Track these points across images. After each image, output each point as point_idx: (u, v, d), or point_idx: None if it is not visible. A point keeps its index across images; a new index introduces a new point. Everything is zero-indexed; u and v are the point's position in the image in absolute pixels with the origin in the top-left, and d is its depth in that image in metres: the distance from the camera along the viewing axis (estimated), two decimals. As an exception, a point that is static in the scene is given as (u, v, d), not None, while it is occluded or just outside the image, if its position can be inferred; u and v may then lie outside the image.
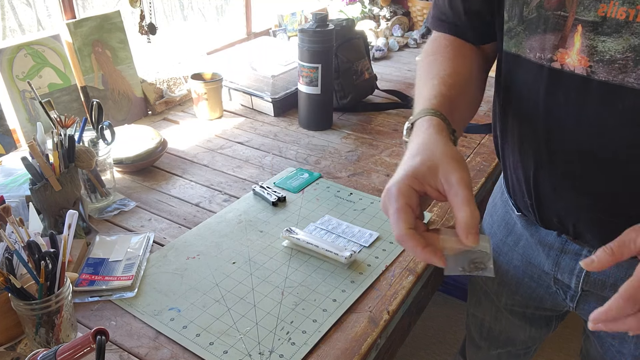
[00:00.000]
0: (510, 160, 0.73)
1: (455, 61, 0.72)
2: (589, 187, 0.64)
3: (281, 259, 0.85)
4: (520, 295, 0.89)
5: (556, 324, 0.97)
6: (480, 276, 0.93)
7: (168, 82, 1.42)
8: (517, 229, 0.84)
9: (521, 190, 0.73)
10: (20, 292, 0.63)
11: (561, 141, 0.63)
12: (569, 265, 0.76)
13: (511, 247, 0.86)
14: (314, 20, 1.20)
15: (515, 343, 1.01)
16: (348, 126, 1.34)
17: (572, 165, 0.64)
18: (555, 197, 0.69)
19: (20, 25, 1.39)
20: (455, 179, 0.54)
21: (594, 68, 0.57)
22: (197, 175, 1.11)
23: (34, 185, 0.81)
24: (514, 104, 0.69)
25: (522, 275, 0.86)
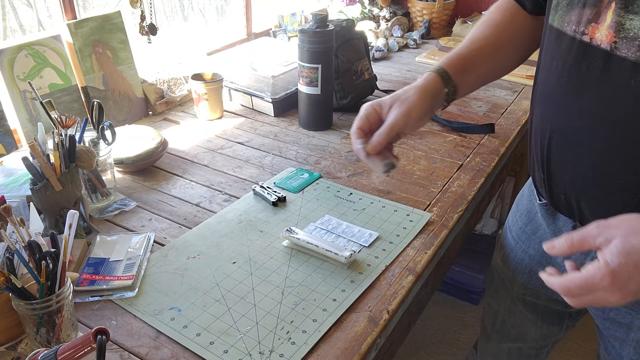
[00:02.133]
0: (533, 130, 0.76)
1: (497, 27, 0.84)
2: (591, 159, 0.66)
3: (281, 259, 0.85)
4: (532, 284, 0.91)
5: (567, 324, 0.98)
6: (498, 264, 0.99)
7: (168, 82, 1.43)
8: (537, 218, 0.86)
9: (538, 162, 0.76)
10: (21, 291, 0.63)
11: (575, 111, 0.66)
12: (580, 258, 0.77)
13: (529, 236, 0.89)
14: (314, 21, 1.21)
15: (526, 339, 1.02)
16: (348, 126, 1.34)
17: (580, 135, 0.66)
18: (562, 170, 0.71)
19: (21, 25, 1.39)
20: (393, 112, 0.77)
21: (618, 44, 0.59)
22: (197, 176, 1.11)
23: (34, 185, 0.81)
24: (544, 74, 0.72)
25: (537, 264, 0.88)
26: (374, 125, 0.78)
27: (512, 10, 0.85)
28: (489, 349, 1.11)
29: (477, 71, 0.84)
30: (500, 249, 0.99)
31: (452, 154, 1.21)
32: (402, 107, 0.76)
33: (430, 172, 1.13)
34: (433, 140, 1.27)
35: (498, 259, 1.00)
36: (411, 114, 0.76)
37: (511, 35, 0.84)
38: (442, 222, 0.96)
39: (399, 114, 0.75)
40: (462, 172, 1.13)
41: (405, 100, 0.76)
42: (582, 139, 0.66)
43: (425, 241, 0.91)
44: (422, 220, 0.96)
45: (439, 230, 0.94)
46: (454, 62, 0.82)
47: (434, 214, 0.98)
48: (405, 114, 0.75)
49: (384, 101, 0.78)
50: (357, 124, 0.79)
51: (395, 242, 0.90)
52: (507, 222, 0.97)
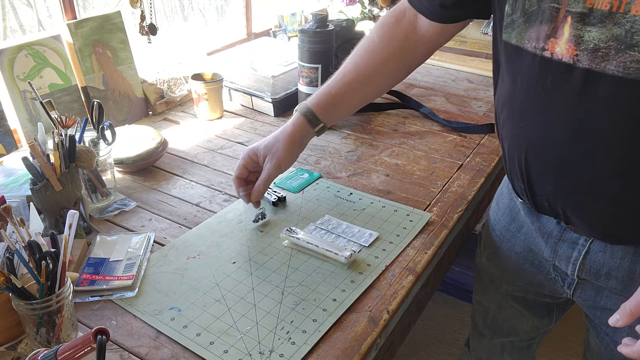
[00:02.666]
0: (507, 145, 0.78)
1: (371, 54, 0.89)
2: (570, 170, 0.67)
3: (281, 259, 0.85)
4: (520, 280, 0.92)
5: (557, 315, 1.00)
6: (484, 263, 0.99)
7: (168, 82, 1.43)
8: (520, 216, 0.87)
9: (516, 175, 0.77)
10: (21, 291, 0.63)
11: (547, 125, 0.67)
12: (566, 252, 0.79)
13: (514, 234, 0.89)
14: (314, 21, 1.21)
15: (518, 333, 1.03)
16: (348, 126, 1.34)
17: (555, 149, 0.68)
18: (542, 181, 0.72)
19: (21, 25, 1.39)
20: (267, 166, 0.88)
21: (579, 57, 0.61)
22: (197, 175, 1.11)
23: (34, 185, 0.81)
24: (510, 90, 0.73)
25: (523, 261, 0.89)
26: (251, 172, 0.92)
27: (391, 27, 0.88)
28: (482, 346, 1.12)
29: (347, 103, 0.93)
30: (485, 248, 1.00)
31: (452, 154, 1.21)
32: (273, 161, 0.88)
33: (430, 172, 1.13)
34: (433, 140, 1.27)
35: (483, 257, 1.01)
36: (281, 166, 0.89)
37: (387, 57, 0.89)
38: (442, 222, 0.96)
39: (271, 168, 0.88)
40: (462, 172, 1.13)
41: (275, 154, 0.88)
42: (558, 152, 0.67)
43: (425, 241, 0.91)
44: (422, 220, 0.96)
45: (439, 230, 0.94)
46: (321, 101, 0.90)
47: (434, 214, 0.98)
48: (276, 166, 0.88)
49: (258, 149, 0.90)
50: (236, 172, 0.91)
51: (395, 242, 0.90)
52: (489, 220, 0.98)
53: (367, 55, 0.90)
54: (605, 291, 0.78)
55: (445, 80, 1.66)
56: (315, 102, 0.90)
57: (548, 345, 1.77)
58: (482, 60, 1.79)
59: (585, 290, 0.80)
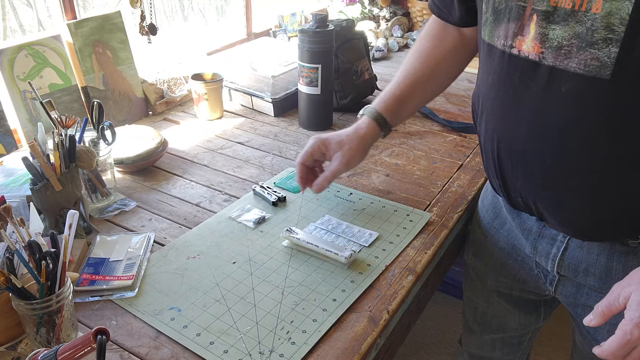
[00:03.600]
0: (482, 140, 0.80)
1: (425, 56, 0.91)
2: (537, 165, 0.69)
3: (281, 259, 0.85)
4: (504, 276, 0.93)
5: (545, 313, 1.01)
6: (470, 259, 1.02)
7: (168, 82, 1.43)
8: (502, 213, 0.89)
9: (491, 170, 0.79)
10: (21, 291, 0.63)
11: (515, 121, 0.69)
12: (546, 249, 0.80)
13: (497, 230, 0.91)
14: (314, 21, 1.21)
15: (506, 329, 1.04)
16: (348, 126, 1.34)
17: (522, 143, 0.69)
18: (513, 176, 0.74)
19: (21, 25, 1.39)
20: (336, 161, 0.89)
21: (545, 54, 0.62)
22: (197, 175, 1.11)
23: (34, 185, 0.81)
24: (483, 87, 0.75)
25: (507, 257, 0.91)
26: (316, 161, 0.92)
27: (439, 32, 0.91)
28: (472, 342, 1.13)
29: (411, 105, 0.94)
30: (471, 244, 1.01)
31: (452, 154, 1.21)
32: (344, 157, 0.88)
33: (430, 172, 1.13)
34: (433, 140, 1.27)
35: (470, 253, 1.02)
36: (350, 163, 0.90)
37: (441, 58, 0.91)
38: (442, 222, 0.96)
39: (340, 164, 0.88)
40: (462, 172, 1.13)
41: (348, 151, 0.88)
42: (526, 147, 0.69)
43: (425, 241, 0.91)
44: (422, 220, 0.96)
45: (439, 230, 0.94)
46: (389, 105, 0.92)
47: (434, 214, 0.98)
48: (346, 163, 0.88)
49: (330, 142, 0.89)
50: (301, 158, 0.90)
51: (395, 242, 0.90)
52: (475, 217, 0.99)
53: (423, 58, 0.92)
54: (585, 288, 0.78)
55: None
56: (383, 106, 0.92)
57: (548, 346, 1.77)
58: (482, 60, 1.79)
59: (566, 287, 0.81)
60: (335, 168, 0.88)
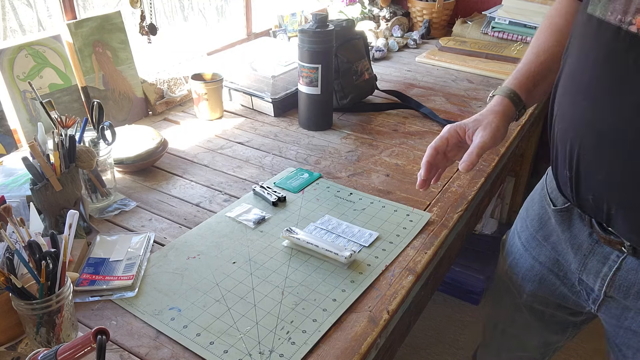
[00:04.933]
0: (560, 126, 0.72)
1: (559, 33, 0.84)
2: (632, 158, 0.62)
3: (281, 259, 0.85)
4: (542, 291, 0.89)
5: (571, 333, 0.96)
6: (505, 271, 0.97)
7: (168, 82, 1.43)
8: (550, 224, 0.84)
9: (564, 160, 0.72)
10: (21, 291, 0.63)
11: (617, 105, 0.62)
12: (596, 267, 0.75)
13: (540, 242, 0.86)
14: (314, 21, 1.21)
15: (526, 348, 1.00)
16: (348, 126, 1.34)
17: (620, 132, 0.62)
18: (595, 168, 0.67)
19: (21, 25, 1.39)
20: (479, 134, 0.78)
21: None
22: (197, 176, 1.11)
23: (34, 185, 0.81)
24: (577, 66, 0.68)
25: (548, 272, 0.86)
26: (449, 147, 0.82)
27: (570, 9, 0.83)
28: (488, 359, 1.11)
29: (544, 84, 0.84)
30: (507, 256, 0.96)
31: (452, 154, 1.21)
32: (489, 130, 0.78)
33: (430, 172, 1.13)
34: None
35: (505, 266, 0.97)
36: (497, 136, 0.78)
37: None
38: (442, 222, 0.96)
39: (487, 136, 0.77)
40: (462, 172, 1.13)
41: (489, 124, 0.78)
42: (623, 136, 0.62)
43: (425, 241, 0.91)
44: (422, 220, 0.96)
45: (439, 230, 0.94)
46: (523, 83, 0.83)
47: (434, 214, 0.98)
48: (493, 136, 0.78)
49: (467, 124, 0.80)
50: (435, 143, 0.81)
51: (395, 242, 0.90)
52: (515, 228, 0.95)
53: (556, 34, 0.84)
54: (631, 312, 0.75)
55: (445, 80, 1.66)
56: (517, 84, 0.83)
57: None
58: (482, 60, 1.79)
59: (611, 309, 0.77)
60: (481, 140, 0.77)
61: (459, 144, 0.82)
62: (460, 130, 0.81)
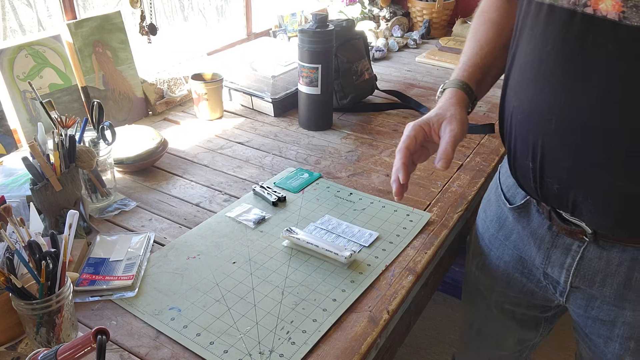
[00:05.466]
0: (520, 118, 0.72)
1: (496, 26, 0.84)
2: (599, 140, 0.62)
3: (281, 259, 0.85)
4: (511, 290, 0.89)
5: (544, 330, 0.97)
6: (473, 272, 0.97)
7: (168, 82, 1.43)
8: (508, 223, 0.85)
9: (527, 152, 0.71)
10: (21, 291, 0.63)
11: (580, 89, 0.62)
12: (560, 259, 0.77)
13: (502, 242, 0.87)
14: (314, 21, 1.21)
15: (503, 346, 1.01)
16: (348, 126, 1.34)
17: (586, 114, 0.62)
18: (561, 155, 0.67)
19: (21, 25, 1.39)
20: (448, 129, 0.75)
21: (626, 13, 0.56)
22: (197, 176, 1.11)
23: (34, 185, 0.81)
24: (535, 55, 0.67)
25: (513, 270, 0.87)
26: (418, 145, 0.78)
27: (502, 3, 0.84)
28: (468, 358, 1.11)
29: (490, 75, 0.84)
30: (474, 257, 0.96)
31: (452, 154, 1.21)
32: (455, 122, 0.76)
33: (430, 172, 1.13)
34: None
35: (473, 267, 0.97)
36: (464, 128, 0.76)
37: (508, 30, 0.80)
38: (442, 222, 0.96)
39: (457, 128, 0.75)
40: (462, 172, 1.13)
41: (454, 117, 0.76)
42: (588, 121, 0.62)
43: (425, 241, 0.91)
44: (422, 220, 0.96)
45: (439, 230, 0.94)
46: (472, 74, 0.82)
47: (434, 214, 0.98)
48: (461, 128, 0.76)
49: (430, 119, 0.77)
50: (405, 143, 0.77)
51: (395, 242, 0.90)
52: (477, 229, 0.95)
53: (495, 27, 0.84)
54: (597, 301, 0.76)
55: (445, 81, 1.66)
56: (466, 75, 0.82)
57: (548, 346, 1.77)
58: (482, 60, 1.79)
59: (577, 299, 0.78)
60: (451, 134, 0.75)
61: (424, 142, 0.79)
62: (425, 127, 0.78)
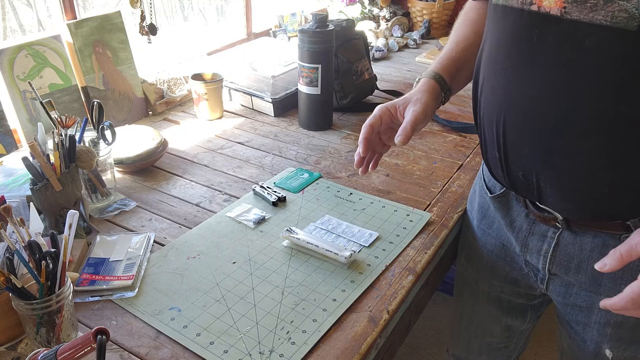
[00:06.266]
0: (484, 111, 0.77)
1: (473, 25, 0.88)
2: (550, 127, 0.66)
3: (281, 259, 0.85)
4: (495, 279, 0.93)
5: (532, 317, 1.00)
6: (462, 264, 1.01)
7: (168, 82, 1.43)
8: (490, 212, 0.88)
9: (492, 143, 0.76)
10: (21, 291, 0.63)
11: (529, 80, 0.67)
12: (536, 246, 0.79)
13: (484, 231, 0.90)
14: (314, 21, 1.21)
15: (493, 334, 1.04)
16: (348, 126, 1.34)
17: (535, 104, 0.67)
18: (519, 143, 0.71)
19: (21, 25, 1.39)
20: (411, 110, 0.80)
21: (567, 9, 0.60)
22: (197, 176, 1.11)
23: (34, 185, 0.81)
24: (492, 52, 0.73)
25: (496, 258, 0.90)
26: (383, 127, 0.84)
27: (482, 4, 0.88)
28: (459, 346, 1.13)
29: (465, 71, 0.89)
30: (462, 249, 1.00)
31: (452, 154, 1.21)
32: (419, 105, 0.81)
33: (430, 172, 1.13)
34: (433, 140, 1.27)
35: (462, 259, 1.01)
36: (427, 111, 0.81)
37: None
38: (442, 222, 0.96)
39: (419, 110, 0.80)
40: (462, 172, 1.13)
41: (418, 100, 0.81)
42: (538, 108, 0.66)
43: (425, 241, 0.91)
44: (422, 220, 0.96)
45: (439, 230, 0.94)
46: (446, 66, 0.87)
47: (434, 214, 0.98)
48: (424, 110, 0.81)
49: (397, 103, 0.83)
50: (369, 121, 0.83)
51: (395, 242, 0.90)
52: (464, 221, 0.98)
53: (473, 25, 0.89)
54: (574, 287, 0.78)
55: None
56: (440, 67, 0.87)
57: (547, 346, 1.77)
58: (482, 60, 1.79)
59: (556, 286, 0.81)
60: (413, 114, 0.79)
61: (391, 124, 0.84)
62: (391, 109, 0.83)
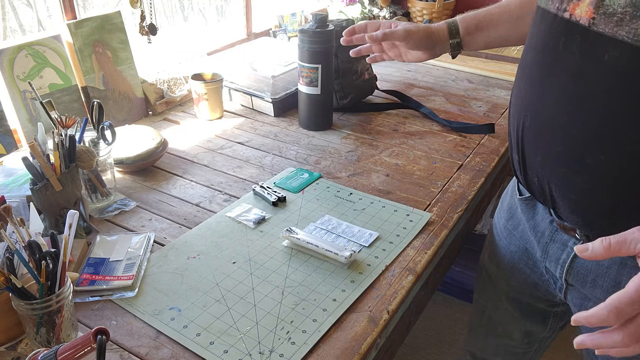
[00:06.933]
0: (511, 112, 0.77)
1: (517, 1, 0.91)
2: (560, 134, 0.66)
3: (281, 259, 0.85)
4: (515, 280, 0.92)
5: (553, 324, 0.98)
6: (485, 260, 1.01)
7: (168, 82, 1.43)
8: (517, 214, 0.87)
9: (515, 145, 0.76)
10: (21, 291, 0.63)
11: (547, 86, 0.67)
12: (556, 254, 0.78)
13: (510, 232, 0.90)
14: (314, 21, 1.21)
15: (512, 336, 1.03)
16: (348, 126, 1.34)
17: (550, 111, 0.67)
18: (534, 148, 0.71)
19: (21, 25, 1.39)
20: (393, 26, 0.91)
21: (596, 20, 0.60)
22: (197, 175, 1.11)
23: (34, 185, 0.81)
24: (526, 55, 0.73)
25: (518, 260, 0.89)
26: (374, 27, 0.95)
27: None
28: (476, 343, 1.13)
29: (487, 32, 0.93)
30: (488, 246, 1.00)
31: (452, 154, 1.21)
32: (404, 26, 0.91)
33: (430, 172, 1.13)
34: (433, 140, 1.27)
35: (485, 255, 1.01)
36: (410, 34, 0.90)
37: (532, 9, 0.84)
38: (442, 222, 0.96)
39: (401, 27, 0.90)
40: (462, 172, 1.13)
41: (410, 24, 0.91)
42: (551, 116, 0.67)
43: (425, 241, 0.91)
44: (422, 220, 0.96)
45: (439, 230, 0.94)
46: (466, 19, 0.92)
47: (434, 214, 0.98)
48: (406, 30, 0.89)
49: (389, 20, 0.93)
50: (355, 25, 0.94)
51: (395, 242, 0.90)
52: (494, 219, 0.98)
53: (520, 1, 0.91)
54: (590, 302, 0.76)
55: (445, 80, 1.66)
56: (460, 18, 0.93)
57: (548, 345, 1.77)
58: (482, 60, 1.79)
59: (574, 298, 0.79)
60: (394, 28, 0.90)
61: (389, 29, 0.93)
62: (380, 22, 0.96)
